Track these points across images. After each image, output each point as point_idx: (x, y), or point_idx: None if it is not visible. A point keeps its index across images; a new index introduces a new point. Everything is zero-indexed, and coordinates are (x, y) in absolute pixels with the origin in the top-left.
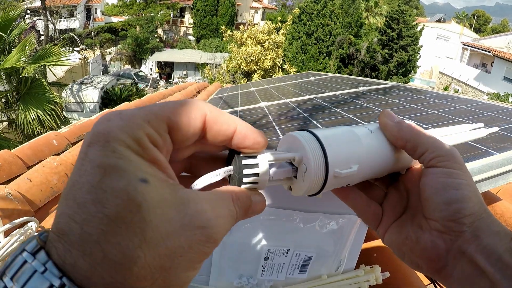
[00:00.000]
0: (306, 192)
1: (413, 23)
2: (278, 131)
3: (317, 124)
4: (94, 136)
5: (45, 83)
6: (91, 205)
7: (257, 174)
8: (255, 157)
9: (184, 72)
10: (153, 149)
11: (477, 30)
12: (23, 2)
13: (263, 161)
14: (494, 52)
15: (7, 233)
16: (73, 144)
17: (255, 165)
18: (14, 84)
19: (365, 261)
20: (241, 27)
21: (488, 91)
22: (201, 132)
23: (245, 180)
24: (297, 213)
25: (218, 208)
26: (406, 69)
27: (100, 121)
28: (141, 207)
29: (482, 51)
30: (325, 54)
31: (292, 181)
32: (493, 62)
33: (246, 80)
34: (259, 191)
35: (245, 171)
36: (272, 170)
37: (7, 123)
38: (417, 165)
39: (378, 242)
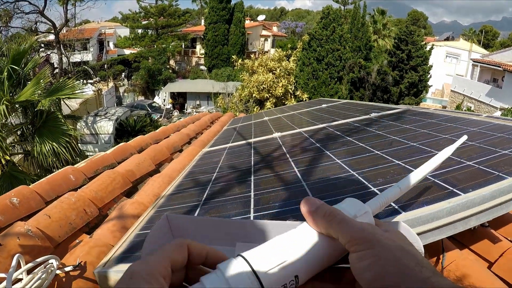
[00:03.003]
0: None
1: (422, 43)
2: (291, 163)
3: (330, 155)
4: (134, 273)
5: (60, 116)
6: None
7: None
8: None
9: (197, 102)
10: (160, 278)
11: (486, 46)
12: (37, 36)
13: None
14: (504, 67)
15: (29, 271)
16: (90, 178)
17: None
18: (30, 117)
19: None
20: (252, 55)
21: (501, 106)
22: (187, 259)
23: None
24: None
25: None
26: (417, 89)
27: (137, 264)
28: None
29: (492, 66)
30: (336, 79)
31: None
32: (503, 76)
33: (259, 108)
34: None
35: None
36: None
37: (23, 155)
38: None
39: None
